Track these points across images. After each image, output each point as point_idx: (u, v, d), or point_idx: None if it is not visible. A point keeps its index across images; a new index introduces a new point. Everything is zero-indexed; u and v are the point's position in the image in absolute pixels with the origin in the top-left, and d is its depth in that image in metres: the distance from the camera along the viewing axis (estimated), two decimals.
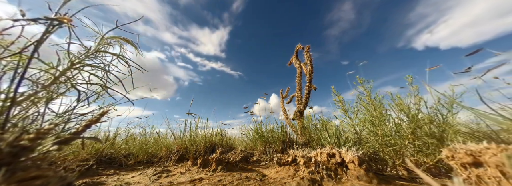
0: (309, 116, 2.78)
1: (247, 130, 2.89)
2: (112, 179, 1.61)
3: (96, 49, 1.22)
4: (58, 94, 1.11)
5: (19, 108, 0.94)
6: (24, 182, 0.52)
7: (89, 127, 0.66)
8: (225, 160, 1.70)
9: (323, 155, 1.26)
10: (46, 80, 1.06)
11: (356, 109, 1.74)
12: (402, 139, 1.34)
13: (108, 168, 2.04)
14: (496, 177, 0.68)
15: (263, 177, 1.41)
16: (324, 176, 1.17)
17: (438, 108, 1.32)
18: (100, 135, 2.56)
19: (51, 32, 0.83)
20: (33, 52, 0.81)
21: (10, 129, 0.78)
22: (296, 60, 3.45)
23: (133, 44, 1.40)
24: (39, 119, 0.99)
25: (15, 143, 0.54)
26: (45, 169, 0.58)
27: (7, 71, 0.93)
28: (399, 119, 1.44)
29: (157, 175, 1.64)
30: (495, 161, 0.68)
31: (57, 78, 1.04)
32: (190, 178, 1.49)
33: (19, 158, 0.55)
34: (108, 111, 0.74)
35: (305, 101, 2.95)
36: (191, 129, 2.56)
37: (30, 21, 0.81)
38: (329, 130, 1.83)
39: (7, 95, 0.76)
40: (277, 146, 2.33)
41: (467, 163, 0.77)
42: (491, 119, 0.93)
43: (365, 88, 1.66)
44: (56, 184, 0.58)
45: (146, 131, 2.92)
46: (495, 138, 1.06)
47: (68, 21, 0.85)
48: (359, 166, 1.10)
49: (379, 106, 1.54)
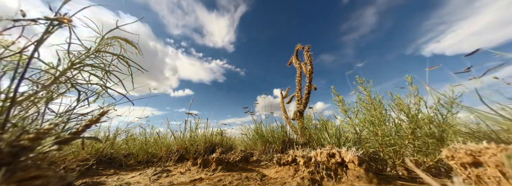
0: (309, 116, 2.78)
1: (247, 130, 2.89)
2: (112, 179, 1.61)
3: (96, 49, 1.22)
4: (58, 94, 1.12)
5: (19, 108, 0.94)
6: (24, 182, 0.52)
7: (89, 127, 0.66)
8: (225, 160, 1.70)
9: (323, 155, 1.26)
10: (46, 80, 1.06)
11: (356, 109, 1.74)
12: (402, 139, 1.34)
13: (108, 168, 2.04)
14: (496, 177, 0.68)
15: (263, 177, 1.41)
16: (324, 176, 1.17)
17: (438, 108, 1.32)
18: (100, 135, 2.56)
19: (51, 32, 0.83)
20: (33, 52, 0.81)
21: (10, 128, 0.78)
22: (296, 60, 3.45)
23: (133, 44, 1.40)
24: (39, 119, 0.99)
25: (15, 143, 0.54)
26: (45, 169, 0.58)
27: (7, 71, 0.93)
28: (399, 119, 1.44)
29: (157, 175, 1.64)
30: (495, 161, 0.68)
31: (57, 78, 1.04)
32: (190, 178, 1.49)
33: (19, 158, 0.55)
34: (108, 110, 0.74)
35: (305, 101, 2.95)
36: (191, 129, 2.56)
37: (30, 21, 0.81)
38: (329, 130, 1.83)
39: (7, 94, 0.76)
40: (277, 146, 2.33)
41: (467, 163, 0.77)
42: (491, 119, 0.94)
43: (365, 88, 1.66)
44: (56, 184, 0.58)
45: (146, 131, 2.92)
46: (494, 138, 1.06)
47: (68, 21, 0.85)
48: (359, 166, 1.10)
49: (379, 105, 1.54)
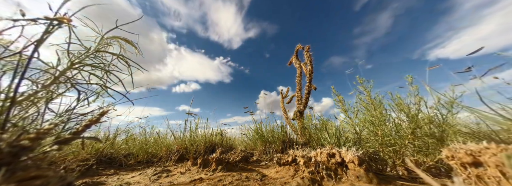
0: (309, 116, 2.78)
1: (247, 129, 2.89)
2: (112, 179, 1.61)
3: (96, 49, 1.22)
4: (58, 94, 1.11)
5: (19, 108, 0.94)
6: (24, 182, 0.52)
7: (89, 126, 0.66)
8: (225, 160, 1.70)
9: (323, 155, 1.26)
10: (46, 80, 1.06)
11: (356, 109, 1.74)
12: (402, 139, 1.34)
13: (108, 168, 2.04)
14: (496, 177, 0.68)
15: (263, 177, 1.41)
16: (324, 176, 1.17)
17: (438, 108, 1.32)
18: (100, 135, 2.56)
19: (51, 32, 0.83)
20: (33, 52, 0.81)
21: (10, 128, 0.78)
22: (296, 60, 3.45)
23: (133, 44, 1.40)
24: (39, 119, 0.99)
25: (15, 143, 0.54)
26: (45, 169, 0.58)
27: (7, 71, 0.93)
28: (399, 119, 1.44)
29: (157, 175, 1.64)
30: (495, 161, 0.68)
31: (57, 78, 1.04)
32: (190, 178, 1.49)
33: (19, 158, 0.55)
34: (108, 110, 0.74)
35: (305, 101, 2.95)
36: (191, 128, 2.56)
37: (30, 21, 0.81)
38: (329, 130, 1.83)
39: (7, 94, 0.76)
40: (277, 146, 2.33)
41: (467, 163, 0.77)
42: (491, 119, 0.94)
43: (365, 88, 1.66)
44: (56, 184, 0.58)
45: (146, 131, 2.92)
46: (495, 138, 1.06)
47: (68, 21, 0.85)
48: (359, 166, 1.10)
49: (379, 105, 1.54)
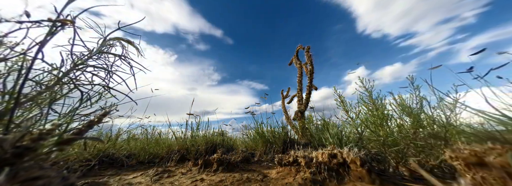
0: (310, 116, 2.77)
1: (248, 130, 2.89)
2: (113, 180, 1.62)
3: (98, 50, 1.23)
4: (61, 95, 1.12)
5: (23, 109, 0.95)
6: (27, 182, 0.52)
7: (91, 127, 0.66)
8: (226, 161, 1.70)
9: (325, 155, 1.25)
10: (49, 81, 1.07)
11: (358, 109, 1.73)
12: (404, 139, 1.33)
13: (110, 168, 2.05)
14: (501, 178, 0.67)
15: (264, 177, 1.41)
16: (326, 176, 1.16)
17: (442, 108, 1.31)
18: (102, 136, 2.58)
19: (54, 33, 0.84)
20: (36, 53, 0.82)
21: (13, 129, 0.79)
22: (296, 60, 3.45)
23: (134, 46, 1.41)
24: (43, 120, 1.00)
25: (18, 144, 0.55)
26: (48, 169, 0.59)
27: (11, 73, 0.94)
28: (401, 119, 1.43)
29: (159, 175, 1.65)
30: (500, 162, 0.67)
31: (60, 79, 1.05)
32: (191, 178, 1.49)
33: (22, 159, 0.55)
34: (110, 111, 0.75)
35: (305, 101, 2.94)
36: (192, 129, 2.56)
37: (34, 23, 0.82)
38: (330, 130, 1.82)
39: (11, 95, 0.77)
40: (278, 147, 2.32)
41: (472, 163, 0.76)
42: (495, 119, 0.92)
43: (367, 88, 1.65)
44: (59, 185, 0.58)
45: (148, 131, 2.93)
46: (499, 139, 1.04)
47: (71, 23, 0.86)
48: (361, 167, 1.09)
49: (381, 105, 1.53)
